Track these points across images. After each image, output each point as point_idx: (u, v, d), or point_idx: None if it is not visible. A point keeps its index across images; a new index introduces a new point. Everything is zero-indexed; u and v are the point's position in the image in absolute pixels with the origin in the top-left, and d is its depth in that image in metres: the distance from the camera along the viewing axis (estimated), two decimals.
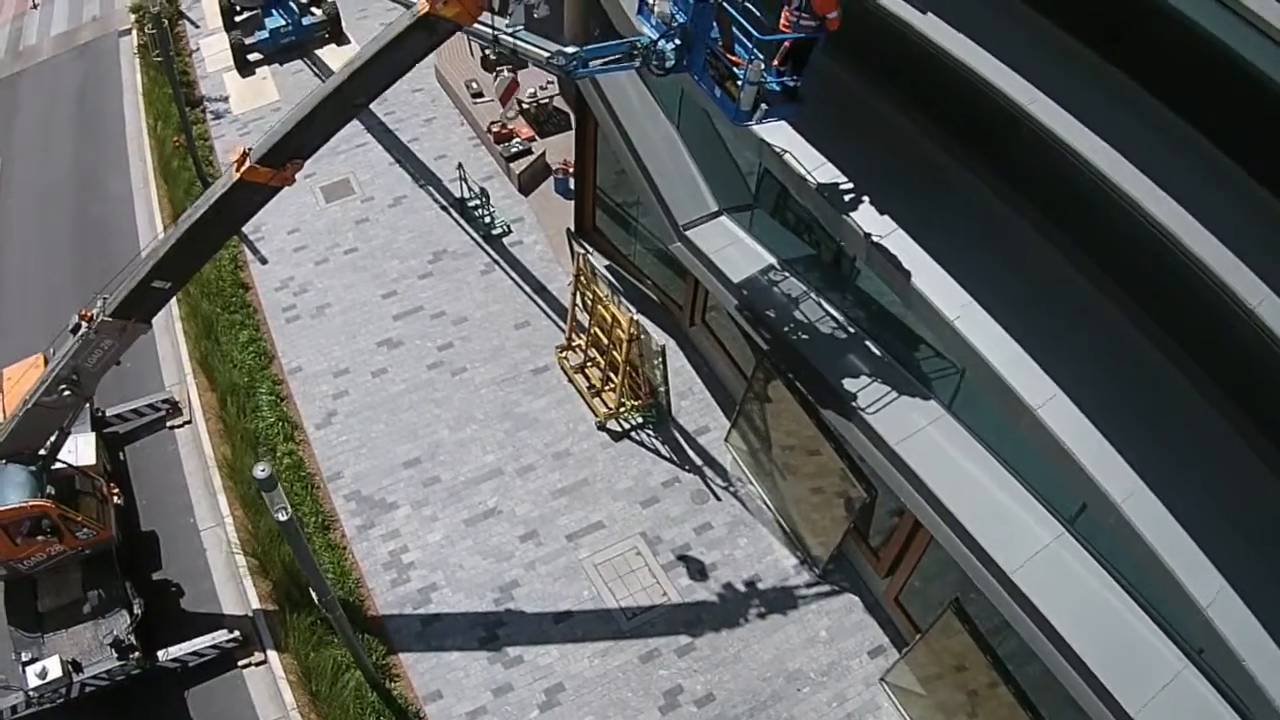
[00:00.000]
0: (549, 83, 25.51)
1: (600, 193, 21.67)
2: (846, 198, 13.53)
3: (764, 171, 15.65)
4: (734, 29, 11.96)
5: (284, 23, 29.27)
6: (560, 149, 24.38)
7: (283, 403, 19.88)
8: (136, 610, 16.56)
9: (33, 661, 15.95)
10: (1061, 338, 11.99)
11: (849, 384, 14.43)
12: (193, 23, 32.62)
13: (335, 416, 19.81)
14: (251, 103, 28.00)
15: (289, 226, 23.40)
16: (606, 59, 12.85)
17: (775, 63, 11.96)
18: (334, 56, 29.12)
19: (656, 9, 12.32)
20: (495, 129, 24.56)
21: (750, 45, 11.69)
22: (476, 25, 13.03)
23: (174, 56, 28.44)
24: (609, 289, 19.01)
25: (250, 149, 13.51)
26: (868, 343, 14.97)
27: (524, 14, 13.50)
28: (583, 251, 20.15)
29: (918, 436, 13.72)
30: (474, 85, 26.02)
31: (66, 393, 15.35)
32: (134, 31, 33.60)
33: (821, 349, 15.12)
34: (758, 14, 11.96)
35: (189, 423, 20.15)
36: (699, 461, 19.05)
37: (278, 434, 19.17)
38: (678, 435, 19.46)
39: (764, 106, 12.09)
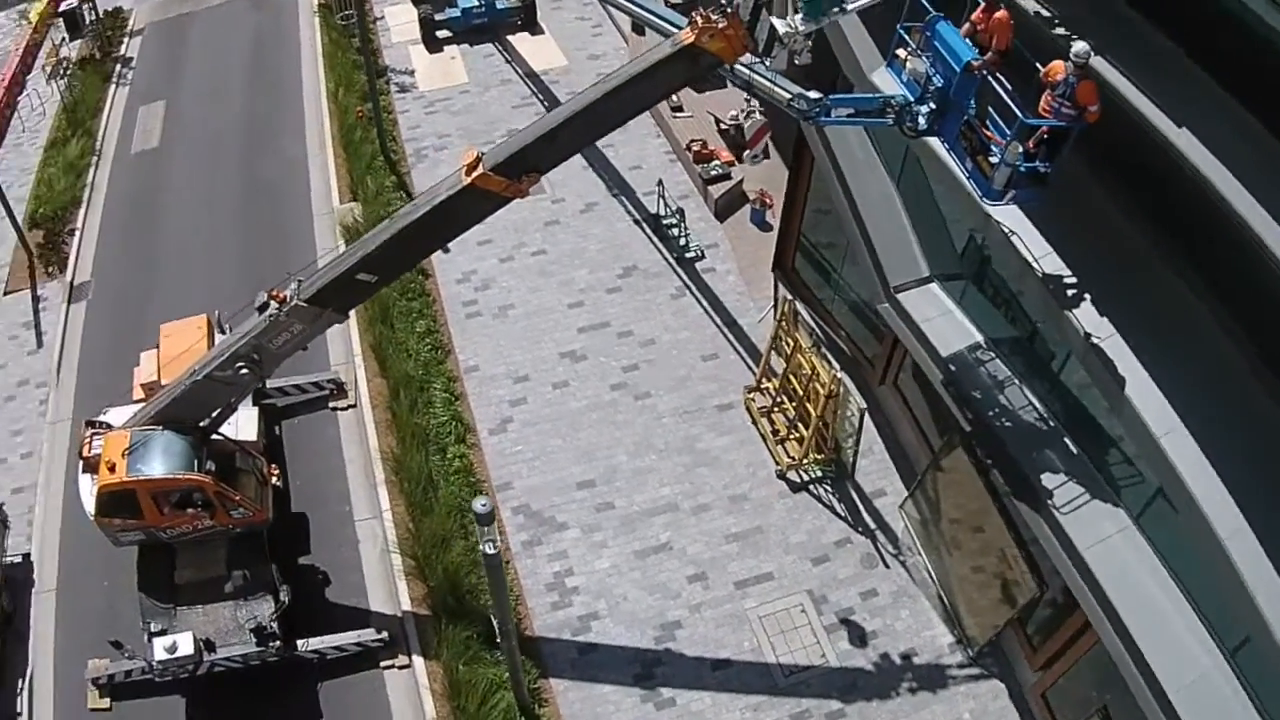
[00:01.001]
0: (749, 107, 25.83)
1: (801, 234, 21.95)
2: (1069, 293, 13.56)
3: (984, 247, 15.81)
4: (990, 107, 12.15)
5: (477, 3, 30.34)
6: (757, 177, 24.66)
7: (456, 401, 20.30)
8: (283, 598, 16.82)
9: (162, 633, 16.30)
10: (1262, 471, 11.84)
11: (1045, 479, 14.56)
12: None
13: (511, 424, 20.16)
14: (439, 81, 29.00)
15: None
16: (854, 111, 13.07)
17: (1029, 145, 12.07)
18: (527, 45, 30.11)
19: (908, 65, 12.49)
20: (696, 148, 24.92)
21: (1009, 126, 11.81)
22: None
23: (360, 24, 29.89)
24: (812, 339, 19.16)
25: (483, 154, 13.72)
26: (1066, 439, 15.06)
27: (786, 59, 13.65)
28: (789, 298, 20.36)
29: (1105, 544, 13.90)
30: (674, 98, 26.46)
31: (244, 370, 15.75)
32: None
33: (1021, 438, 15.24)
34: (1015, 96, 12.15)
35: (353, 407, 20.72)
36: (872, 524, 19.03)
37: (449, 434, 19.57)
38: (854, 494, 19.44)
39: (1011, 191, 12.30)
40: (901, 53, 12.61)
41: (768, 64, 13.03)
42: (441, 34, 30.46)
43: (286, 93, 30.13)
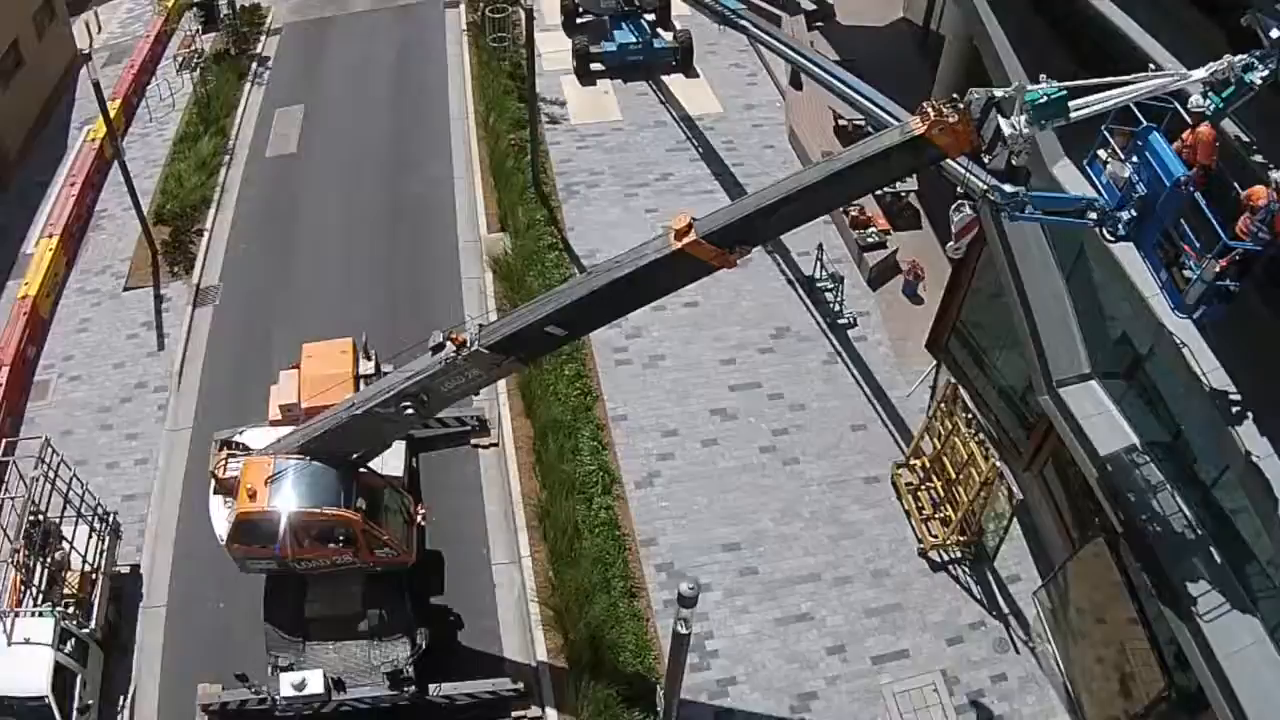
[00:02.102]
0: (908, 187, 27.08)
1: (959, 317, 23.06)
2: (1234, 409, 14.39)
3: (1150, 353, 16.73)
4: (1183, 223, 13.03)
5: (634, 39, 32.12)
6: (910, 247, 25.79)
7: (604, 451, 21.42)
8: (421, 642, 17.53)
9: (289, 668, 17.02)
10: None
11: (1190, 586, 15.34)
12: (526, 12, 35.82)
13: (658, 479, 21.24)
14: (591, 115, 30.70)
15: None
16: (1052, 210, 13.96)
17: (1222, 264, 12.79)
18: (681, 87, 31.70)
19: (1108, 168, 13.42)
20: (854, 213, 26.13)
21: (1206, 243, 12.70)
22: None
23: (512, 48, 31.73)
24: (970, 424, 20.12)
25: (695, 219, 14.50)
26: (1211, 547, 15.79)
27: (1005, 158, 14.53)
28: (952, 381, 21.38)
29: (1241, 654, 14.60)
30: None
31: (409, 410, 16.44)
32: (462, 5, 37.33)
33: (1169, 542, 16.03)
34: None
35: (495, 446, 21.99)
36: (1006, 609, 19.78)
37: (596, 484, 20.62)
38: (991, 578, 20.27)
39: (1201, 308, 13.21)
40: (1102, 153, 13.60)
41: (987, 162, 13.88)
42: (595, 67, 32.23)
43: (432, 111, 31.99)
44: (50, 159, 32.85)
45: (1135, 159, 13.12)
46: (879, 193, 26.83)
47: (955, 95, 13.21)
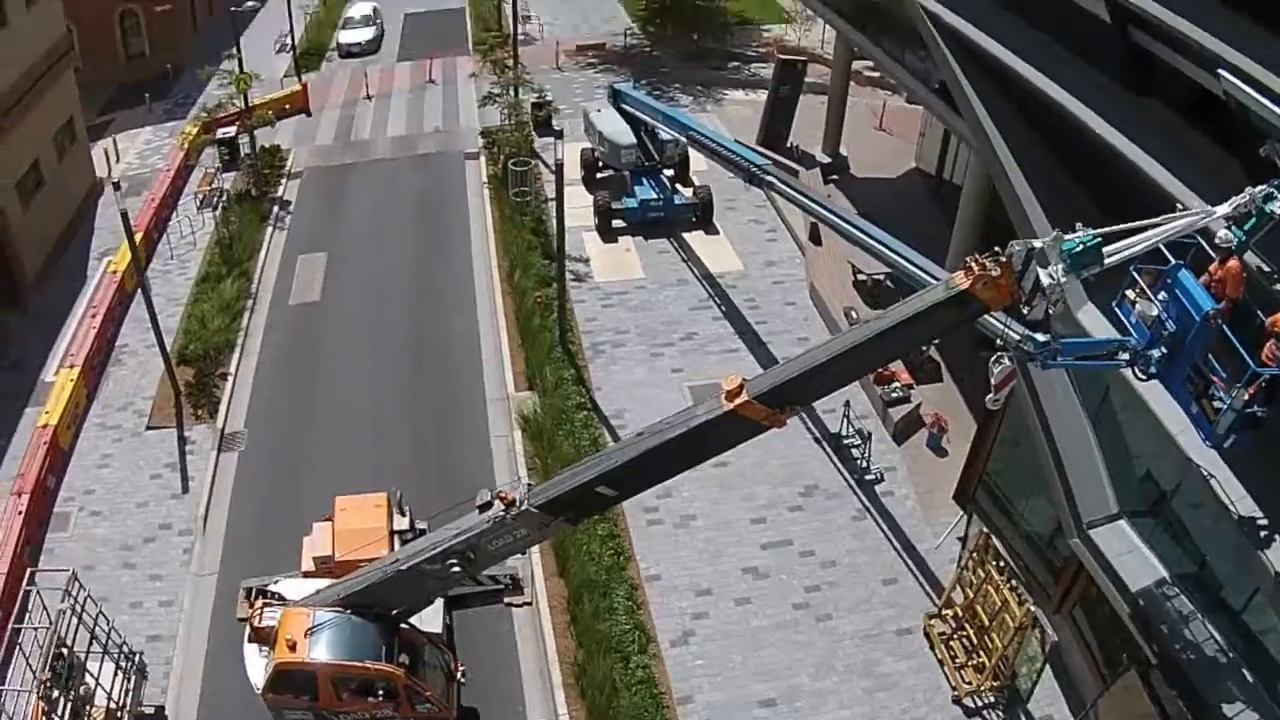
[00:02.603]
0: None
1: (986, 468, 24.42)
2: (1262, 534, 15.35)
3: (1177, 488, 17.85)
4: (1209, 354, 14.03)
5: (656, 196, 34.38)
6: (933, 401, 27.40)
7: (639, 610, 22.42)
8: None
9: None
10: None
11: (1226, 708, 16.17)
12: (548, 167, 38.17)
13: (693, 637, 22.10)
14: (614, 273, 32.64)
15: (653, 420, 26.70)
16: (1084, 355, 15.14)
17: (1249, 392, 13.50)
18: (702, 244, 33.83)
19: (1137, 307, 14.55)
20: (878, 369, 27.82)
21: (1233, 372, 13.68)
22: None
23: (534, 202, 33.70)
24: (1004, 572, 21.31)
25: (746, 380, 15.85)
26: (1244, 669, 16.63)
27: (1044, 310, 15.46)
28: (985, 532, 22.64)
29: None
30: (854, 314, 29.54)
31: (455, 567, 17.54)
32: (482, 157, 39.67)
33: (1203, 669, 16.85)
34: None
35: (529, 604, 22.91)
36: None
37: (632, 643, 21.45)
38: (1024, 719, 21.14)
39: (1232, 437, 13.80)
40: (1130, 294, 14.39)
41: (1026, 313, 14.88)
42: (616, 223, 34.39)
43: (455, 264, 33.86)
44: (69, 287, 34.51)
45: (1163, 296, 13.95)
46: None
47: (996, 249, 14.22)
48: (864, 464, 25.98)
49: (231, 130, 41.38)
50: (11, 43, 34.22)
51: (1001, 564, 21.22)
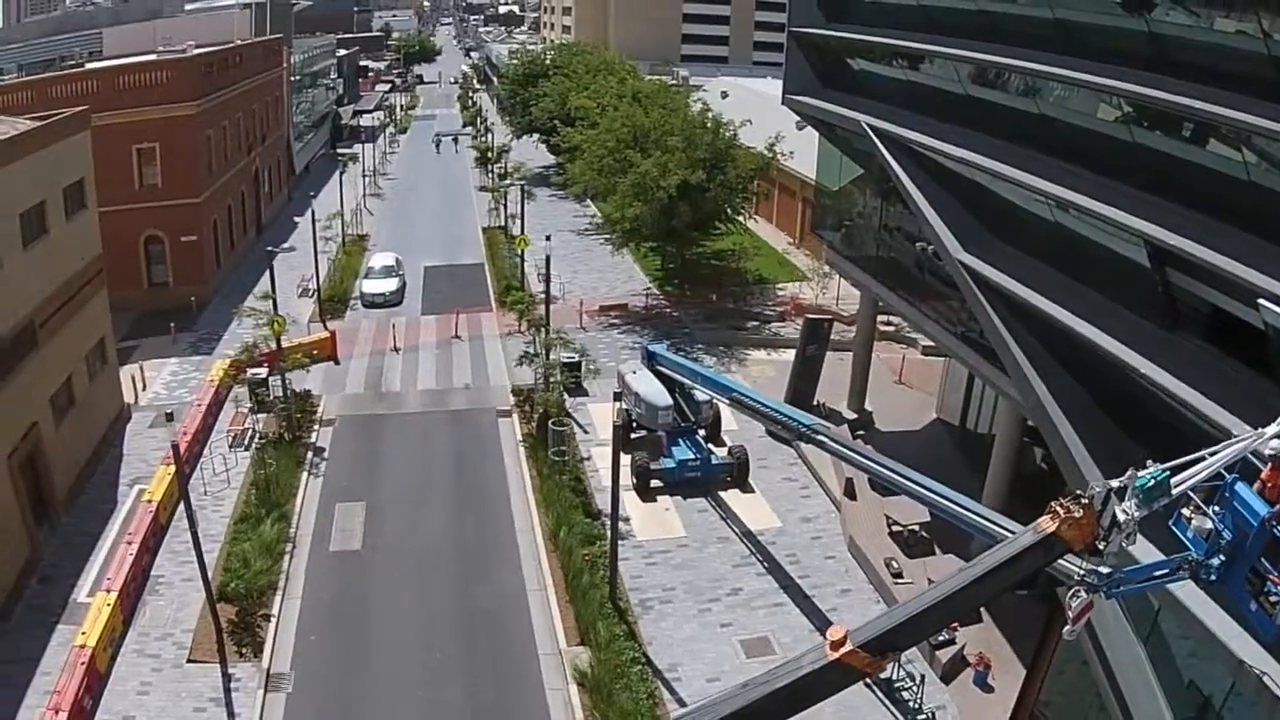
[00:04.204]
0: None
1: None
2: None
3: (1232, 689, 19.86)
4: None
5: (693, 456, 38.53)
6: (976, 641, 30.36)
7: None
8: None
9: None
10: None
11: None
12: (581, 427, 42.42)
13: None
14: (655, 532, 36.27)
15: (707, 674, 29.49)
16: (1148, 577, 17.01)
17: None
18: (739, 502, 37.76)
19: (1193, 523, 15.73)
20: None
21: None
22: None
23: (572, 461, 37.57)
24: None
25: (849, 631, 17.93)
26: None
27: (1118, 544, 17.30)
28: None
29: None
30: (894, 564, 33.13)
31: None
32: (515, 415, 43.94)
33: None
34: None
35: None
36: None
37: None
38: None
39: None
40: (1186, 511, 15.86)
41: (1103, 549, 16.11)
42: (654, 483, 38.30)
43: (497, 521, 37.33)
44: (99, 509, 37.64)
45: (1218, 509, 15.59)
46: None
47: (1078, 492, 15.99)
48: (916, 705, 28.74)
49: (263, 371, 45.43)
50: (51, 252, 38.62)
51: None
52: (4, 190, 34.64)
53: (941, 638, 30.43)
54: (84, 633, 29.04)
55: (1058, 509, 15.92)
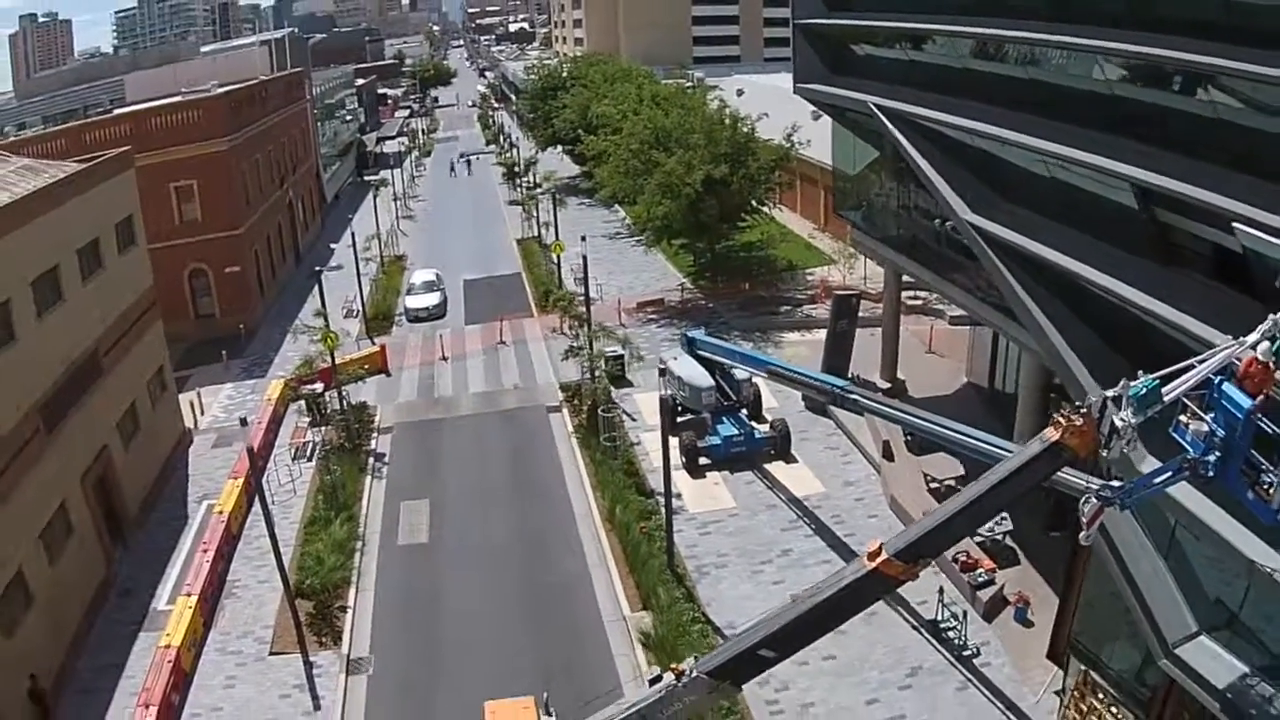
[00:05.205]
0: (1000, 519, 34.72)
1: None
2: None
3: (1247, 592, 22.07)
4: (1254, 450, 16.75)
5: (737, 432, 41.18)
6: (1014, 581, 32.90)
7: None
8: None
9: None
10: None
11: None
12: (629, 415, 45.25)
13: None
14: (707, 505, 38.92)
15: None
16: (1154, 482, 18.18)
17: None
18: (784, 472, 40.38)
19: (1191, 427, 17.17)
20: (962, 559, 33.58)
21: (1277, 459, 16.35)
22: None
23: (623, 446, 40.43)
24: (1103, 700, 26.18)
25: (884, 543, 20.39)
26: None
27: (1119, 450, 18.84)
28: (1084, 669, 27.64)
29: None
30: None
31: None
32: (564, 410, 46.86)
33: None
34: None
35: None
36: None
37: None
38: None
39: None
40: (1184, 418, 17.34)
41: (1105, 454, 17.92)
42: (703, 460, 40.99)
43: (556, 506, 40.15)
44: (170, 526, 40.89)
45: (1211, 413, 17.07)
46: (981, 538, 34.30)
47: (1077, 403, 18.10)
48: (961, 642, 31.11)
49: (319, 386, 48.55)
50: (107, 285, 41.98)
51: (1102, 695, 26.16)
52: (61, 227, 37.95)
53: (981, 579, 32.95)
54: (168, 634, 31.67)
55: (1060, 419, 17.91)
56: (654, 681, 21.76)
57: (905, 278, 45.86)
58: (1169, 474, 18.26)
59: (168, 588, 36.47)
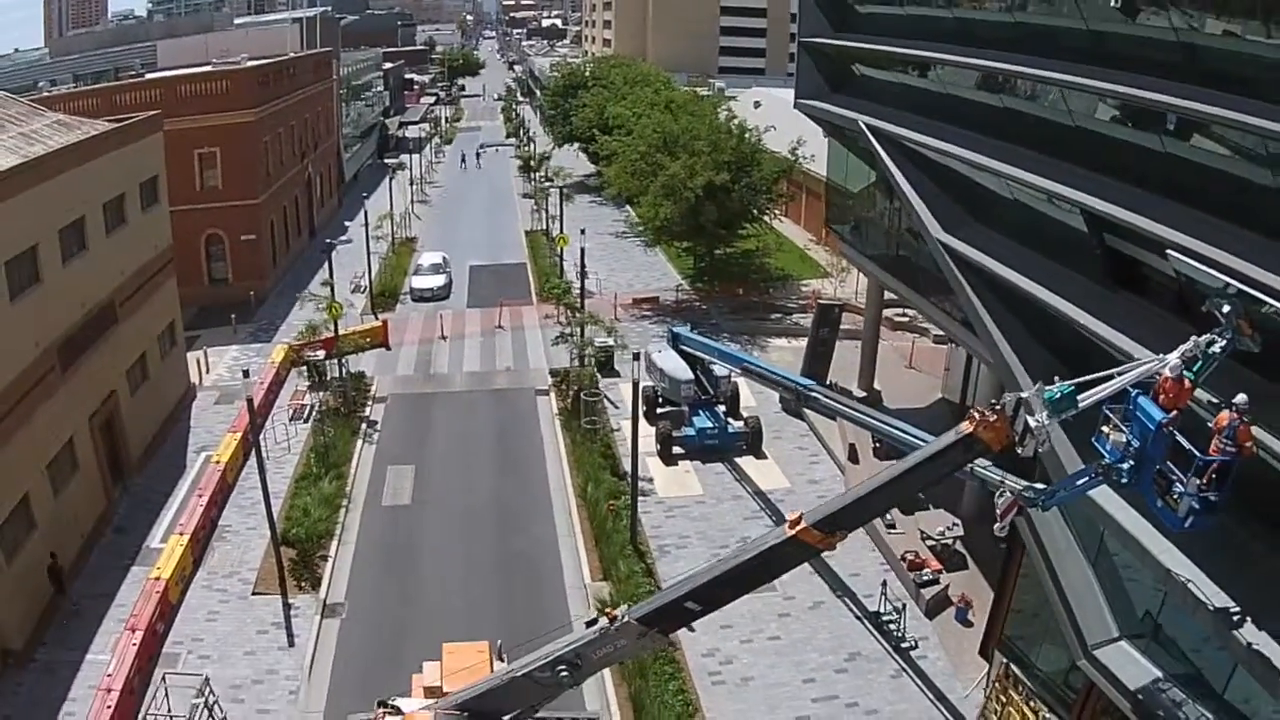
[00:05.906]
0: (953, 525, 36.98)
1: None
2: (1234, 617, 19.15)
3: (1164, 601, 23.45)
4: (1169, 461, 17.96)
5: (711, 425, 43.50)
6: (959, 584, 34.94)
7: None
8: None
9: None
10: None
11: None
12: (612, 403, 47.60)
13: None
14: (675, 490, 41.30)
15: None
16: (1073, 485, 19.60)
17: (1203, 481, 17.53)
18: (753, 467, 42.66)
19: (1111, 437, 18.57)
20: (910, 558, 35.71)
21: (1189, 466, 17.50)
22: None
23: (603, 430, 42.67)
24: (1021, 693, 28.20)
25: (804, 514, 21.86)
26: None
27: (1034, 449, 20.28)
28: (1005, 662, 29.67)
29: None
30: (888, 516, 37.61)
31: (564, 673, 23.54)
32: (552, 393, 49.24)
33: None
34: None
35: None
36: None
37: None
38: None
39: (1191, 518, 17.75)
40: (1105, 429, 18.75)
41: (1020, 452, 19.06)
42: (676, 450, 43.39)
43: (533, 480, 42.63)
44: (168, 473, 43.27)
45: (1129, 424, 18.29)
46: (932, 541, 36.36)
47: (993, 401, 19.13)
48: (899, 634, 33.19)
49: (321, 354, 50.93)
50: (128, 239, 44.42)
51: (1021, 688, 28.25)
52: (89, 182, 40.36)
53: (926, 579, 35.09)
54: (158, 567, 33.95)
55: (975, 414, 19.32)
56: (590, 624, 23.46)
57: (889, 295, 47.91)
58: (1086, 478, 19.64)
59: (161, 529, 38.81)
